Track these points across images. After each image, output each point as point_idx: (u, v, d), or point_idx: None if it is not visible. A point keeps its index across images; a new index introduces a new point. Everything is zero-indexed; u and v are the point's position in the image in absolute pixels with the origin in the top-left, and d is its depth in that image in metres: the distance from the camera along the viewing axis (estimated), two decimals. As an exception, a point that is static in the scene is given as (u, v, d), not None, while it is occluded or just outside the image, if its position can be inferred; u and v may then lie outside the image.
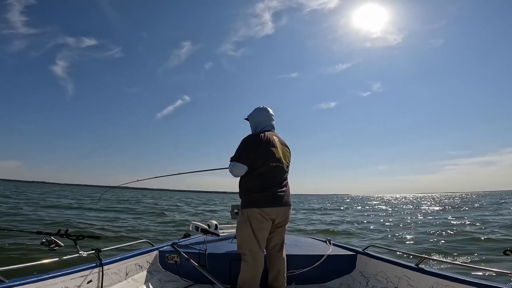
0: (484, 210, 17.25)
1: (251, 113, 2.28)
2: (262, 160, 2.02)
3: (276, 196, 2.02)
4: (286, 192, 2.10)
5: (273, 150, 2.06)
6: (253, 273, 2.01)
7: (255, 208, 1.98)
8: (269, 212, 1.99)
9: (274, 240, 2.14)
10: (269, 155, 2.03)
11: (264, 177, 2.01)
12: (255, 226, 1.99)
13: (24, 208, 12.60)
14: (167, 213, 14.63)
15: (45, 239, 1.81)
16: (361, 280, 2.40)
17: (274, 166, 2.04)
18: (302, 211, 19.83)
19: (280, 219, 2.07)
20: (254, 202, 2.00)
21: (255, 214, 1.98)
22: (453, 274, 1.85)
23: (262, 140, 2.05)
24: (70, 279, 1.70)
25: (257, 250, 2.02)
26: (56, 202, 18.18)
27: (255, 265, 2.01)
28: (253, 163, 2.02)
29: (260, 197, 1.99)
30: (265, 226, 2.02)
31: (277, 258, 2.16)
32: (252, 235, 2.00)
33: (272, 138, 2.10)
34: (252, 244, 2.01)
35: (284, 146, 2.20)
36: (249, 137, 2.13)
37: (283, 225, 2.14)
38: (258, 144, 2.04)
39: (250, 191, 2.03)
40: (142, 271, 2.33)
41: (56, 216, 10.74)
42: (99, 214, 12.48)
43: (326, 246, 2.82)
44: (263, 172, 2.01)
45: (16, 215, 10.03)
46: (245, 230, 2.03)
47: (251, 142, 2.07)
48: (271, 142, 2.08)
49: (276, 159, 2.06)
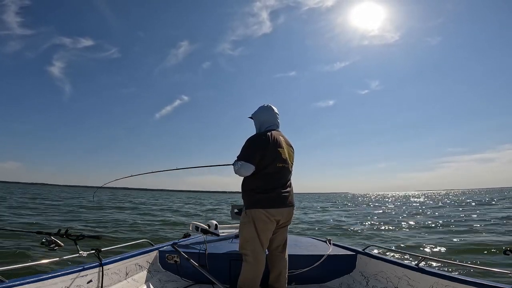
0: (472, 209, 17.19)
1: (255, 112, 2.23)
2: (269, 161, 1.98)
3: (281, 196, 2.01)
4: (290, 193, 2.09)
5: (280, 151, 2.03)
6: (254, 273, 2.00)
7: (260, 209, 1.95)
8: (274, 213, 1.97)
9: (277, 241, 2.13)
10: (276, 156, 2.01)
11: (270, 177, 1.98)
12: (260, 227, 1.96)
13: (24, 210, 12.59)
14: (158, 213, 14.60)
15: (45, 239, 1.81)
16: (361, 280, 2.40)
17: (281, 167, 2.02)
18: (300, 210, 19.82)
19: (284, 219, 2.06)
20: (259, 202, 1.96)
21: (260, 215, 1.95)
22: (453, 274, 1.85)
23: (269, 140, 2.02)
24: (70, 279, 1.70)
25: (260, 251, 2.00)
26: (55, 203, 18.18)
27: (257, 266, 2.00)
28: (260, 164, 1.98)
29: (265, 197, 1.96)
30: (269, 227, 2.00)
31: (279, 259, 2.14)
32: (256, 236, 1.98)
33: (279, 138, 2.08)
34: (255, 245, 1.99)
35: (289, 146, 2.18)
36: (255, 136, 2.10)
37: (286, 225, 2.13)
38: (266, 144, 2.00)
39: (255, 191, 1.99)
40: (142, 271, 2.33)
41: (52, 217, 10.74)
42: (97, 214, 12.49)
43: (326, 246, 2.82)
44: (270, 173, 1.98)
45: (15, 215, 10.04)
46: (248, 230, 2.00)
47: (259, 141, 2.03)
48: (278, 143, 2.05)
49: (283, 159, 2.04)
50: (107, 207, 17.14)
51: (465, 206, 20.49)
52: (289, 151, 2.14)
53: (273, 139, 2.04)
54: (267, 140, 2.01)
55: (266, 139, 2.02)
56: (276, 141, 2.04)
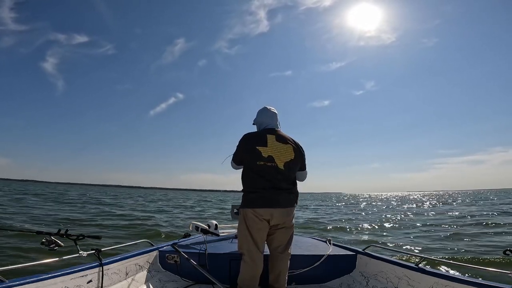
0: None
1: (255, 117, 2.30)
2: (248, 159, 2.05)
3: (268, 197, 1.98)
4: (284, 193, 2.02)
5: (259, 149, 2.01)
6: (251, 273, 2.01)
7: (249, 208, 2.00)
8: (262, 213, 1.97)
9: (276, 242, 2.11)
10: (254, 154, 2.01)
11: (255, 176, 2.02)
12: (250, 226, 2.00)
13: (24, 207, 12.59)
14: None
15: (45, 239, 1.80)
16: (361, 280, 2.40)
17: (262, 165, 1.99)
18: (296, 210, 19.81)
19: (277, 221, 2.01)
20: (248, 202, 2.03)
21: (249, 214, 2.00)
22: (453, 274, 1.85)
23: (247, 138, 2.11)
24: (70, 279, 1.70)
25: (255, 251, 2.01)
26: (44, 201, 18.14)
27: (253, 265, 2.01)
28: (242, 162, 2.12)
29: (252, 197, 2.01)
30: (260, 226, 2.00)
31: (279, 259, 2.11)
32: (248, 235, 2.01)
33: (264, 137, 2.06)
34: (249, 244, 2.01)
35: (285, 144, 2.09)
36: (242, 136, 2.18)
37: (283, 227, 2.06)
38: (243, 143, 2.11)
39: (245, 191, 2.07)
40: (142, 271, 2.33)
41: (52, 215, 10.74)
42: (93, 213, 12.48)
43: (326, 246, 2.82)
44: (253, 171, 2.03)
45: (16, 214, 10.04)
46: (242, 229, 2.05)
47: (241, 141, 2.14)
48: (260, 141, 2.04)
49: (263, 157, 2.00)
50: (98, 206, 17.06)
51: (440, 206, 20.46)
52: (281, 149, 2.05)
53: (253, 138, 2.09)
54: (244, 139, 2.13)
55: (245, 137, 2.13)
56: (258, 139, 2.06)
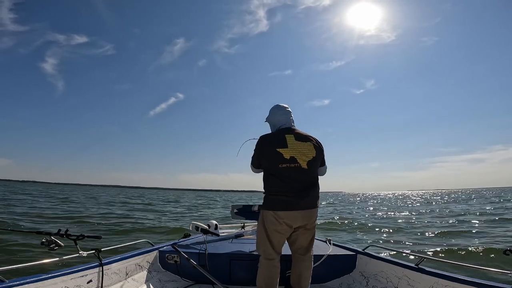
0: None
1: (268, 115, 2.20)
2: (268, 163, 1.96)
3: (291, 199, 1.88)
4: (309, 194, 1.93)
5: (280, 151, 1.93)
6: (266, 274, 1.95)
7: (270, 210, 1.92)
8: (282, 216, 1.89)
9: (297, 243, 2.04)
10: (276, 157, 1.93)
11: (277, 179, 1.93)
12: (269, 228, 1.93)
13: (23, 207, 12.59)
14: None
15: (45, 239, 1.80)
16: (361, 280, 2.40)
17: (285, 168, 1.91)
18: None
19: (299, 223, 1.93)
20: (269, 204, 1.94)
21: (269, 217, 1.92)
22: (453, 274, 1.84)
23: (263, 142, 2.01)
24: (70, 279, 1.70)
25: (271, 253, 1.95)
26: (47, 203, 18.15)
27: (269, 267, 1.95)
28: (262, 166, 2.03)
29: (273, 200, 1.93)
30: (279, 229, 1.92)
31: (300, 261, 2.07)
32: (266, 237, 1.95)
33: (282, 138, 1.99)
34: (266, 246, 1.96)
35: (305, 142, 2.00)
36: (258, 140, 2.08)
37: (307, 228, 1.99)
38: (261, 147, 2.01)
39: (267, 193, 1.98)
40: (142, 271, 2.33)
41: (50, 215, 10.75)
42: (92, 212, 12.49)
43: (326, 246, 2.82)
44: (275, 175, 1.93)
45: (14, 214, 10.05)
46: (260, 230, 1.99)
47: (257, 145, 2.05)
48: (280, 143, 1.96)
49: (285, 160, 1.92)
50: (99, 206, 17.06)
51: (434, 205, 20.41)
52: (301, 148, 1.98)
53: (272, 140, 1.99)
54: (261, 143, 2.03)
55: (261, 141, 2.03)
56: (277, 142, 1.97)
